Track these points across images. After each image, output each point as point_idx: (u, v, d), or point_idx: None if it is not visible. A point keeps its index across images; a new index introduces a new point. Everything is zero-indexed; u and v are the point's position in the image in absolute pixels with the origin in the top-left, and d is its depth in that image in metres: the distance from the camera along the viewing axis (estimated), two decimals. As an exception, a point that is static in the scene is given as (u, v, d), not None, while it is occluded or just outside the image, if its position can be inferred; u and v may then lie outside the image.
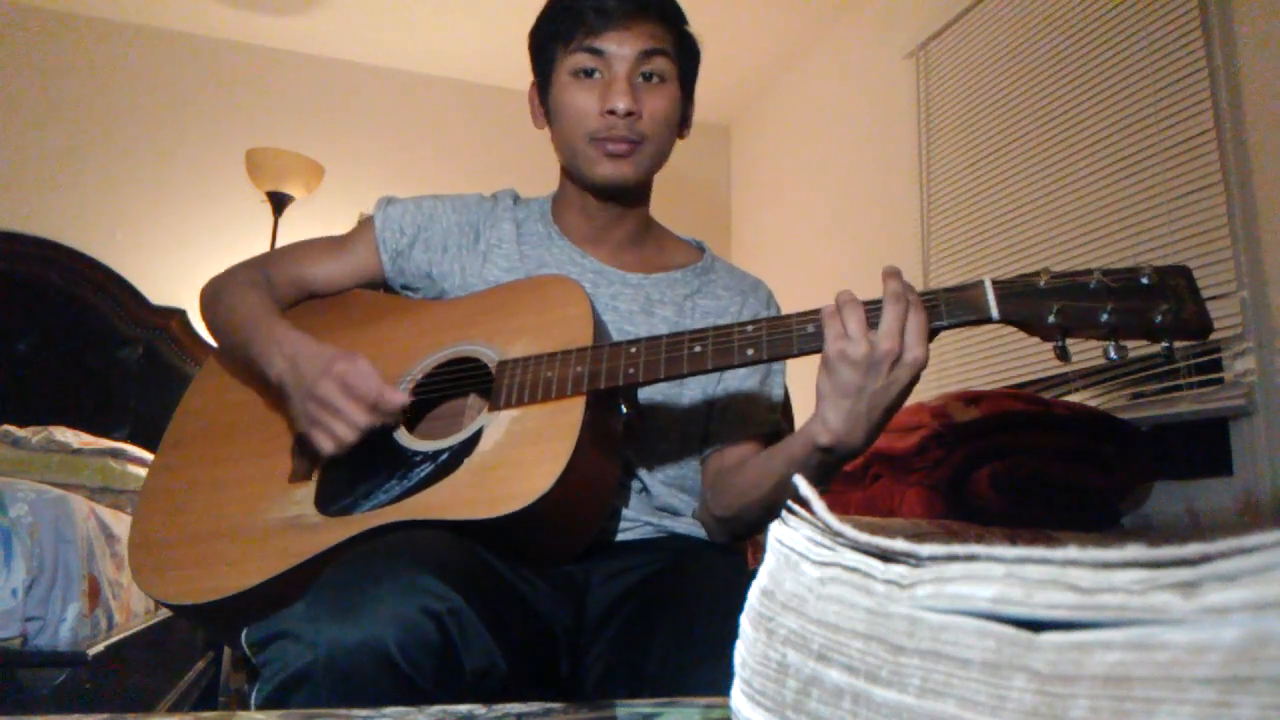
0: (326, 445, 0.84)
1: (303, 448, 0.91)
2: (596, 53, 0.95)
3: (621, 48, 0.95)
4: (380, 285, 1.08)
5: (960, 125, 2.55)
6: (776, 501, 0.90)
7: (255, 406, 0.98)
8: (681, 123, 1.05)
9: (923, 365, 0.76)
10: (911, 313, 0.75)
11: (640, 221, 1.07)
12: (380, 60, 3.58)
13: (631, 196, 1.03)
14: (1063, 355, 0.74)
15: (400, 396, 0.85)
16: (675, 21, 1.01)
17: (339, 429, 0.83)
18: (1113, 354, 0.73)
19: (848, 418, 0.77)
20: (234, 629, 0.68)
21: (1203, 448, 1.83)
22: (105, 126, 3.23)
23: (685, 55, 1.02)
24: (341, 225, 1.12)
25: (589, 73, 0.96)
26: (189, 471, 0.96)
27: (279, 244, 3.05)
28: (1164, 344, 0.72)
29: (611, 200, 1.02)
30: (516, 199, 1.11)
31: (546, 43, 1.00)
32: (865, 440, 0.79)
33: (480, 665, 0.64)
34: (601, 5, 0.94)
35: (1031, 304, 0.74)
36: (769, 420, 1.03)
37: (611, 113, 0.94)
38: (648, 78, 0.97)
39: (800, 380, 1.08)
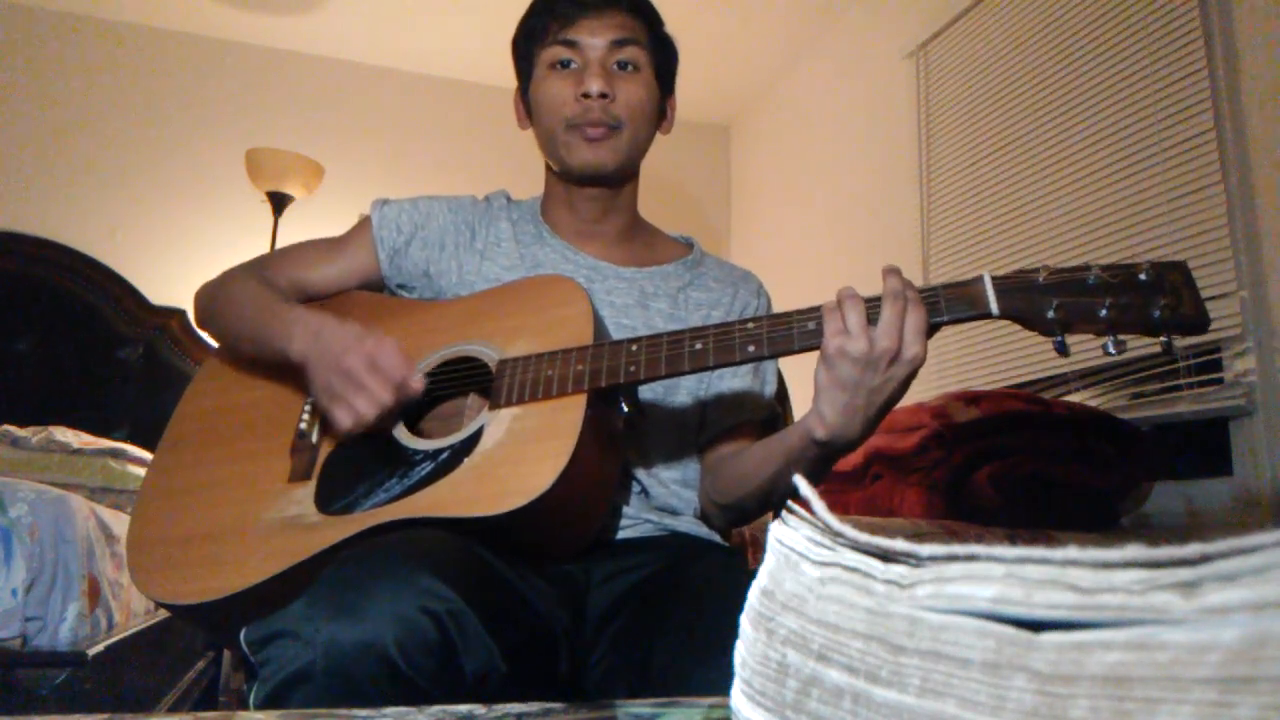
0: (345, 420, 0.84)
1: (300, 445, 0.90)
2: (570, 44, 0.98)
3: (594, 37, 0.98)
4: (377, 286, 1.08)
5: (960, 125, 2.55)
6: (774, 491, 0.92)
7: (254, 408, 0.98)
8: (661, 117, 1.07)
9: (921, 362, 0.76)
10: (910, 310, 0.76)
11: (628, 217, 1.08)
12: (380, 60, 3.58)
13: (614, 185, 1.05)
14: (1062, 350, 0.75)
15: (421, 383, 0.86)
16: (647, 16, 1.03)
17: (361, 404, 0.83)
18: (1111, 349, 0.73)
19: (844, 412, 0.78)
20: (233, 630, 0.68)
21: (1203, 448, 1.83)
22: (105, 127, 3.23)
23: (660, 50, 1.04)
24: (341, 225, 1.12)
25: (565, 64, 0.99)
26: (187, 473, 0.96)
27: (279, 244, 3.05)
28: (1162, 338, 0.73)
29: (594, 186, 1.04)
30: (509, 199, 1.12)
31: (525, 43, 1.04)
32: (861, 435, 0.80)
33: (480, 666, 0.64)
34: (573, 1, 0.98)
35: (1031, 299, 0.75)
36: (764, 406, 1.05)
37: (586, 96, 0.96)
38: (622, 66, 0.99)
39: (801, 376, 1.09)
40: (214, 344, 1.09)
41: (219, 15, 3.28)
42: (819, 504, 0.27)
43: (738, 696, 0.28)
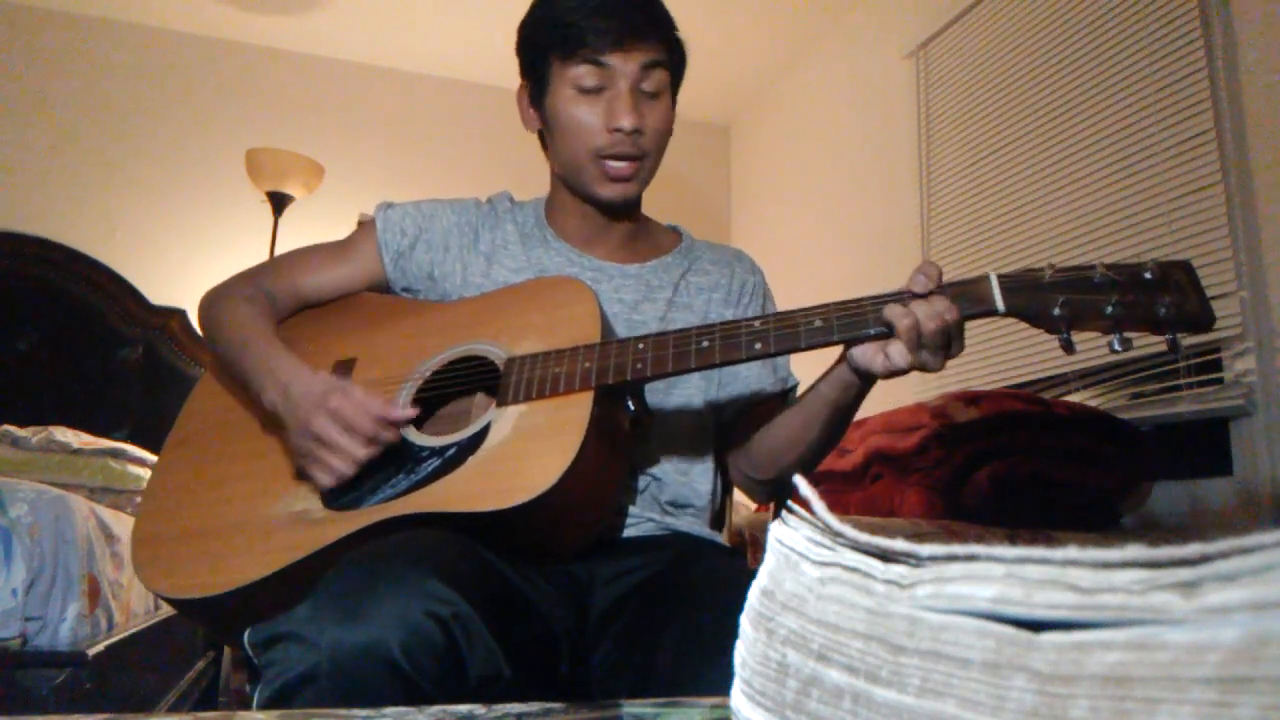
0: (325, 480, 0.84)
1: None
2: (600, 67, 0.95)
3: (625, 64, 0.95)
4: (382, 289, 1.08)
5: (960, 125, 2.55)
6: (825, 448, 0.96)
7: (261, 407, 0.98)
8: None
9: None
10: (954, 339, 0.79)
11: (635, 222, 1.09)
12: (380, 60, 3.58)
13: (630, 208, 1.06)
14: (1068, 347, 0.76)
15: (398, 414, 0.84)
16: (669, 31, 1.01)
17: (337, 464, 0.83)
18: (1117, 345, 0.74)
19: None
20: (236, 626, 0.68)
21: (1203, 448, 1.83)
22: (105, 126, 3.23)
23: (677, 64, 1.02)
24: (341, 225, 1.12)
25: (593, 88, 0.96)
26: (194, 470, 0.96)
27: (279, 244, 3.05)
28: (1168, 336, 0.74)
29: (610, 213, 1.04)
30: (512, 201, 1.12)
31: (542, 50, 0.99)
32: None
33: (484, 670, 0.64)
34: (605, 21, 0.94)
35: (1037, 297, 0.76)
36: (781, 379, 1.07)
37: (618, 130, 0.94)
38: (647, 93, 0.97)
39: (800, 369, 1.09)
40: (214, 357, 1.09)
41: (219, 15, 3.27)
42: (819, 504, 0.27)
43: (738, 696, 0.28)
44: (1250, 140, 1.73)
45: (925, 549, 0.23)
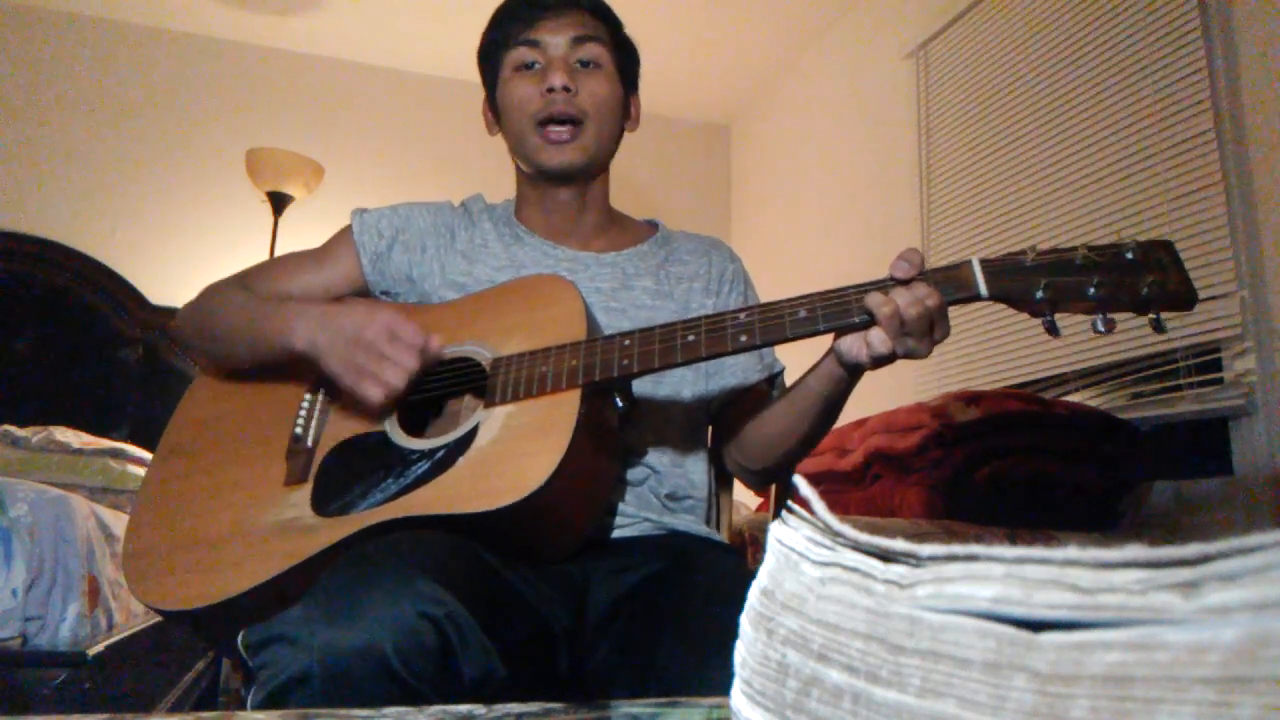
0: (376, 392, 0.84)
1: (295, 448, 0.90)
2: (533, 44, 1.02)
3: (555, 36, 1.01)
4: (361, 294, 1.08)
5: (960, 125, 2.55)
6: (814, 437, 0.97)
7: (249, 414, 0.98)
8: (626, 116, 1.10)
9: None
10: (937, 324, 0.78)
11: (601, 212, 1.11)
12: (380, 60, 3.58)
13: (584, 182, 1.07)
14: (1052, 330, 0.76)
15: (439, 344, 0.87)
16: (607, 17, 1.07)
17: (390, 374, 0.84)
18: (1100, 326, 0.74)
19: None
20: (230, 635, 0.68)
21: (1203, 448, 1.83)
22: (105, 126, 3.23)
23: (622, 50, 1.07)
24: (341, 226, 1.12)
25: (529, 65, 1.02)
26: (183, 480, 0.95)
27: (279, 244, 3.05)
28: (1152, 316, 0.73)
29: (564, 184, 1.05)
30: (485, 203, 1.14)
31: (489, 52, 1.07)
32: None
33: (478, 671, 0.64)
34: (532, 2, 1.02)
35: (1019, 280, 0.76)
36: (768, 365, 1.08)
37: (550, 89, 0.99)
38: (584, 64, 1.02)
39: (794, 361, 1.09)
40: (203, 363, 1.07)
41: (219, 15, 3.27)
42: (819, 504, 0.27)
43: (738, 696, 0.28)
44: (1250, 140, 1.73)
45: (925, 549, 0.23)
